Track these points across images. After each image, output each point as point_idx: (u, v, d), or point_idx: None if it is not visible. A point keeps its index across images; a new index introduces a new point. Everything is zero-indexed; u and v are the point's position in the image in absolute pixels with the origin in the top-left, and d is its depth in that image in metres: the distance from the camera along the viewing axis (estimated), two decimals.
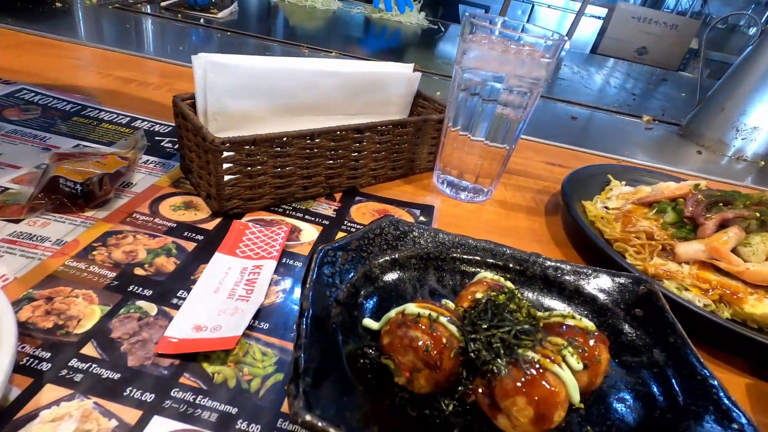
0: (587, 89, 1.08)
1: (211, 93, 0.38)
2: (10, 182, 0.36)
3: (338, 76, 0.45)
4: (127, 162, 0.38)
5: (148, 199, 0.36)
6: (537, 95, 0.41)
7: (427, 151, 0.48)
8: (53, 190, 0.33)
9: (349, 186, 0.43)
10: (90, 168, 0.35)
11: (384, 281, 0.29)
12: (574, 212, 0.41)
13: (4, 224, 0.31)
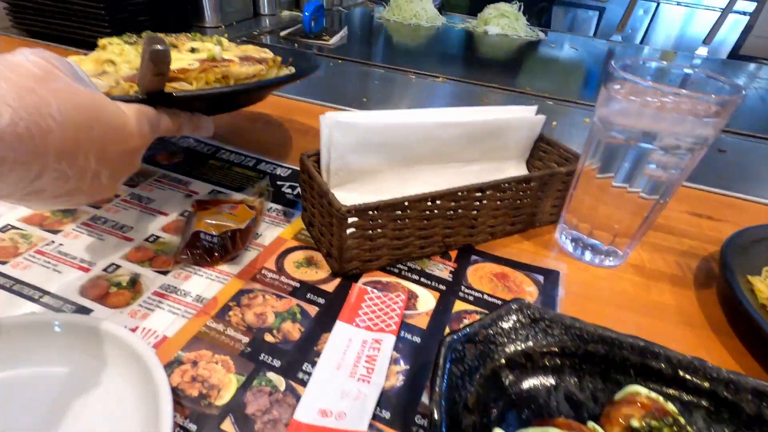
0: None
1: (334, 151, 0.38)
2: (160, 230, 0.40)
3: (456, 127, 0.43)
4: (255, 213, 0.40)
5: (274, 253, 0.38)
6: (699, 156, 0.34)
7: (551, 204, 0.44)
8: (194, 245, 0.36)
9: (466, 243, 0.41)
10: (224, 221, 0.38)
11: (515, 381, 0.27)
12: (740, 294, 0.34)
13: (155, 276, 0.35)
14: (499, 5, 1.41)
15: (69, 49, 0.81)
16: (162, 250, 0.37)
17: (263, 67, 0.45)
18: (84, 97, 0.25)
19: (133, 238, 0.39)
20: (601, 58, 1.29)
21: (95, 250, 0.37)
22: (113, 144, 0.27)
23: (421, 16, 1.41)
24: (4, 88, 0.21)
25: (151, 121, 0.31)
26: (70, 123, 0.24)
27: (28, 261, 0.35)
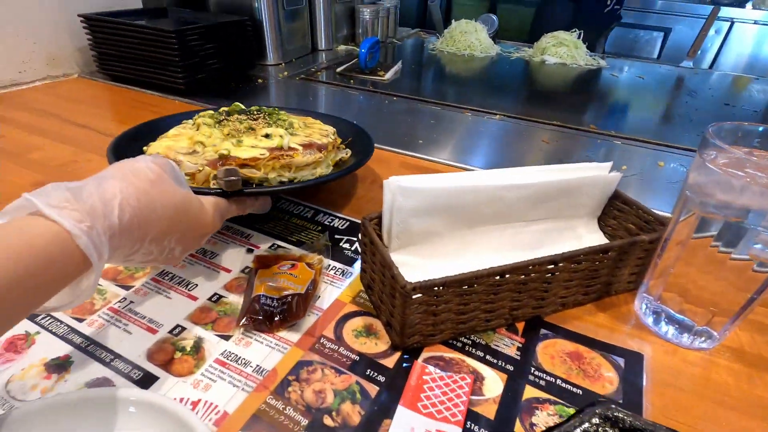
0: None
1: (397, 215, 0.37)
2: (223, 288, 0.40)
3: (525, 188, 0.41)
4: (314, 273, 0.40)
5: (333, 318, 0.37)
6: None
7: (629, 272, 0.41)
8: (255, 310, 0.36)
9: (534, 315, 0.38)
10: (285, 283, 0.38)
11: None
12: None
13: (217, 341, 0.35)
14: (557, 33, 1.37)
15: (146, 92, 0.88)
16: (224, 311, 0.38)
17: (323, 155, 0.50)
18: (180, 197, 0.32)
19: (198, 296, 0.39)
20: (671, 87, 1.21)
21: (163, 310, 0.38)
22: (192, 231, 0.35)
23: (476, 46, 1.40)
24: (130, 190, 0.28)
25: (222, 212, 0.40)
26: (166, 217, 0.31)
27: (102, 319, 0.36)
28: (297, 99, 0.93)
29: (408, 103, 0.92)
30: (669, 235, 0.36)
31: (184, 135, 0.49)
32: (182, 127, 0.53)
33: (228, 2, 1.07)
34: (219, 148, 0.45)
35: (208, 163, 0.45)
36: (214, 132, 0.49)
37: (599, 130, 0.82)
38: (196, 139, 0.47)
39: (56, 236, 0.23)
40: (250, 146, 0.46)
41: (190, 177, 0.45)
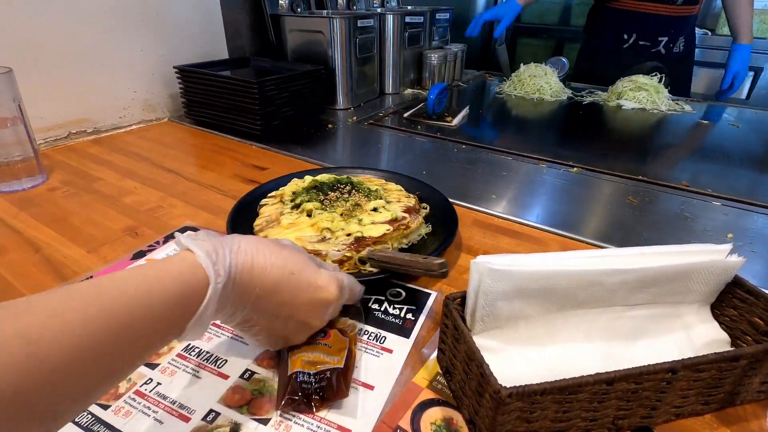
0: None
1: (483, 298, 0.34)
2: (254, 363, 0.38)
3: (627, 274, 0.36)
4: (347, 341, 0.37)
5: (410, 405, 0.34)
6: None
7: (761, 380, 0.34)
8: (294, 390, 0.33)
9: (641, 425, 0.33)
10: (320, 355, 0.35)
11: None
12: None
13: (256, 426, 0.32)
14: (635, 77, 1.30)
15: (226, 136, 0.93)
16: (258, 390, 0.35)
17: (420, 218, 0.55)
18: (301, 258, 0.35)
19: (229, 374, 0.37)
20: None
21: (193, 392, 0.35)
22: (303, 292, 0.34)
23: (545, 90, 1.36)
24: (257, 243, 0.32)
25: (343, 285, 0.38)
26: (278, 268, 0.33)
27: (129, 406, 0.34)
28: (365, 145, 0.94)
29: (477, 152, 0.90)
30: None
31: (303, 223, 0.50)
32: (276, 207, 0.54)
33: (304, 50, 1.13)
34: (349, 231, 0.48)
35: (348, 247, 0.47)
36: (336, 218, 0.51)
37: (694, 188, 0.74)
38: (321, 225, 0.49)
39: (185, 259, 0.28)
40: (371, 223, 0.50)
41: (338, 264, 0.46)
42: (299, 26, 1.12)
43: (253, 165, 0.79)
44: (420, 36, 1.38)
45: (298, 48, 1.14)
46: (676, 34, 1.33)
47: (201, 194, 0.67)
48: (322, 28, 1.08)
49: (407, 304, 0.45)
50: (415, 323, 0.43)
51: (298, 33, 1.13)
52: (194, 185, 0.70)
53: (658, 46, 1.35)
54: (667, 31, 1.32)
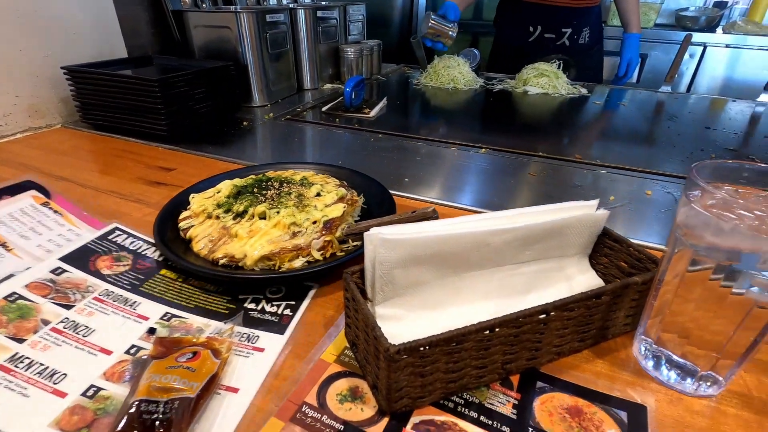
0: None
1: (380, 268, 0.36)
2: (102, 377, 0.33)
3: (511, 233, 0.40)
4: (217, 366, 0.33)
5: (317, 381, 0.35)
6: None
7: (625, 314, 0.39)
8: (129, 421, 0.28)
9: (528, 367, 0.36)
10: (176, 379, 0.30)
11: None
12: None
13: None
14: (537, 65, 1.40)
15: (128, 140, 0.87)
16: (103, 410, 0.30)
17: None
18: None
19: (67, 391, 0.31)
20: (651, 112, 1.23)
21: (15, 415, 0.29)
22: None
23: (459, 80, 1.43)
24: None
25: None
26: None
27: None
28: (283, 141, 0.93)
29: (393, 140, 0.92)
30: (662, 275, 0.34)
31: (263, 227, 0.49)
32: (209, 225, 0.50)
33: (212, 47, 1.09)
34: (314, 218, 0.50)
35: (322, 233, 0.49)
36: (288, 210, 0.51)
37: (585, 160, 0.82)
38: (286, 222, 0.49)
39: None
40: (325, 206, 0.52)
41: (323, 252, 0.48)
42: (204, 22, 1.08)
43: (159, 167, 0.75)
44: (334, 31, 1.38)
45: (206, 45, 1.10)
46: (579, 25, 1.45)
47: (98, 200, 0.63)
48: (229, 24, 1.04)
49: (287, 300, 0.44)
50: (292, 318, 0.42)
51: (204, 29, 1.09)
52: (90, 191, 0.65)
53: (563, 38, 1.45)
54: (570, 22, 1.43)
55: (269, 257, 0.46)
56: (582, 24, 1.44)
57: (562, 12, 1.42)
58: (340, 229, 0.50)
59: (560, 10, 1.41)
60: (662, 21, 2.59)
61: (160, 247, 0.46)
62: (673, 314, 0.34)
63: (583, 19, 1.44)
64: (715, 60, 2.29)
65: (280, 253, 0.46)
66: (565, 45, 1.46)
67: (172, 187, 0.66)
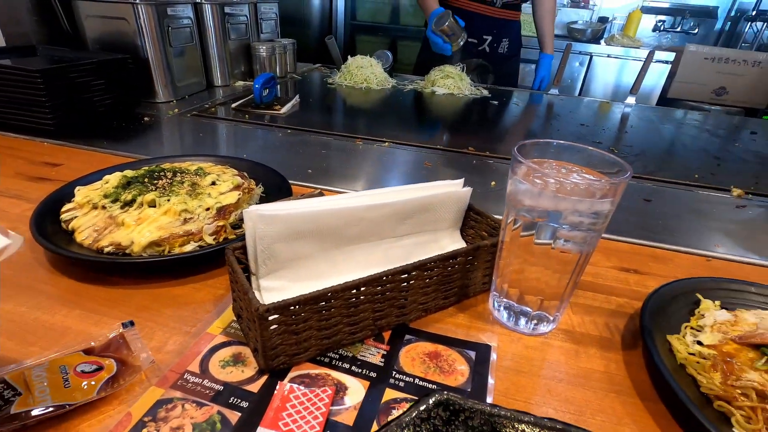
0: (659, 157, 1.00)
1: (260, 242, 0.39)
2: None
3: (385, 207, 0.45)
4: (101, 393, 0.31)
5: (201, 351, 0.37)
6: (601, 229, 0.37)
7: (482, 273, 0.46)
8: None
9: (398, 323, 0.41)
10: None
11: None
12: (657, 359, 0.36)
13: None
14: (443, 67, 1.51)
15: (10, 135, 0.80)
16: None
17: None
18: None
19: None
20: (539, 111, 1.39)
21: None
22: None
23: (371, 80, 1.48)
24: None
25: None
26: None
27: None
28: (187, 136, 0.91)
29: (302, 135, 0.95)
30: (503, 237, 0.41)
31: (153, 214, 0.49)
32: (95, 216, 0.50)
33: (109, 39, 1.04)
34: (207, 205, 0.51)
35: (215, 219, 0.50)
36: (180, 198, 0.52)
37: (475, 151, 0.91)
38: (177, 209, 0.50)
39: None
40: (220, 194, 0.54)
41: (216, 237, 0.49)
42: (98, 12, 1.02)
43: (44, 162, 0.71)
44: (245, 28, 1.37)
45: (101, 36, 1.04)
46: (498, 35, 1.58)
47: None
48: (126, 15, 1.00)
49: None
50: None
51: (98, 19, 1.03)
52: None
53: (483, 44, 1.58)
54: (491, 31, 1.56)
55: (158, 243, 0.46)
56: (502, 34, 1.58)
57: (484, 20, 1.54)
58: (234, 215, 0.52)
59: (482, 18, 1.54)
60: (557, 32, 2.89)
61: (38, 239, 0.45)
62: (513, 271, 0.41)
63: (503, 30, 1.57)
64: (600, 67, 2.61)
65: (169, 238, 0.47)
66: (486, 51, 1.59)
67: (58, 183, 0.63)
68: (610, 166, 0.37)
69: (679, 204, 0.74)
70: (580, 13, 2.89)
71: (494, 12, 1.54)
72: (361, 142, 0.92)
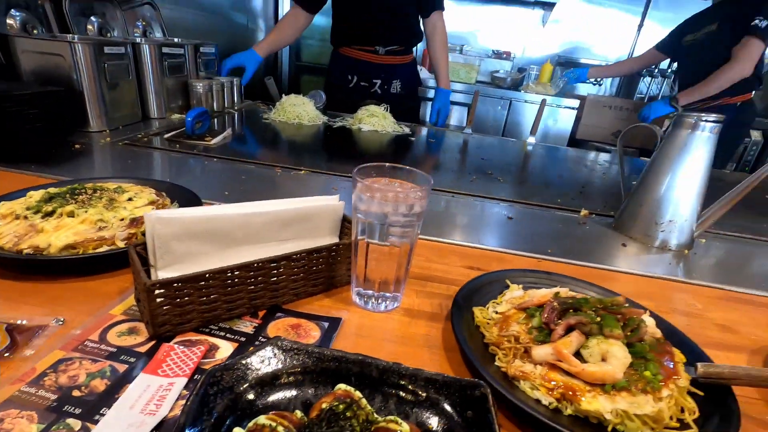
0: (535, 184, 1.20)
1: (157, 240, 0.49)
2: None
3: (269, 215, 0.56)
4: None
5: (102, 326, 0.46)
6: (416, 226, 0.51)
7: (346, 267, 0.58)
8: None
9: (272, 304, 0.52)
10: None
11: (263, 395, 0.37)
12: (454, 318, 0.49)
13: None
14: (369, 107, 1.69)
15: None
16: None
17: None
18: None
19: None
20: (450, 147, 1.59)
21: None
22: None
23: (303, 116, 1.63)
24: None
25: None
26: None
27: None
28: (117, 162, 0.99)
29: (227, 163, 1.05)
30: (355, 237, 0.54)
31: (71, 223, 0.58)
32: (17, 225, 0.58)
33: (44, 72, 1.11)
34: (121, 216, 0.60)
35: (128, 227, 0.59)
36: (97, 209, 0.61)
37: None
38: (93, 219, 0.59)
39: None
40: (135, 208, 0.63)
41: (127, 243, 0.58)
42: (35, 48, 1.10)
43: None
44: (183, 66, 1.49)
45: (36, 70, 1.11)
46: (388, 78, 1.80)
47: None
48: (62, 52, 1.08)
49: None
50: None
51: (34, 54, 1.10)
52: None
53: (375, 87, 1.79)
54: (379, 75, 1.78)
55: (74, 246, 0.55)
56: (392, 77, 1.80)
57: (373, 66, 1.76)
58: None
59: (371, 64, 1.76)
60: (483, 79, 3.23)
61: None
62: (357, 261, 0.54)
63: (393, 73, 1.80)
64: (518, 111, 2.94)
65: (84, 242, 0.55)
66: (378, 93, 1.80)
67: None
68: (424, 181, 0.52)
69: (536, 221, 0.92)
70: (502, 63, 3.27)
71: (380, 59, 1.78)
72: (280, 171, 1.04)
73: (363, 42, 1.76)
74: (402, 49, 1.83)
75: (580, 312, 0.46)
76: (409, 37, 1.83)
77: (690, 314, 0.62)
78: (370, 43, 1.76)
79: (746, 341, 0.58)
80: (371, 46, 1.76)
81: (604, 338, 0.43)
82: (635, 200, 0.88)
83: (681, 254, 0.82)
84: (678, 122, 0.81)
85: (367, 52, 1.76)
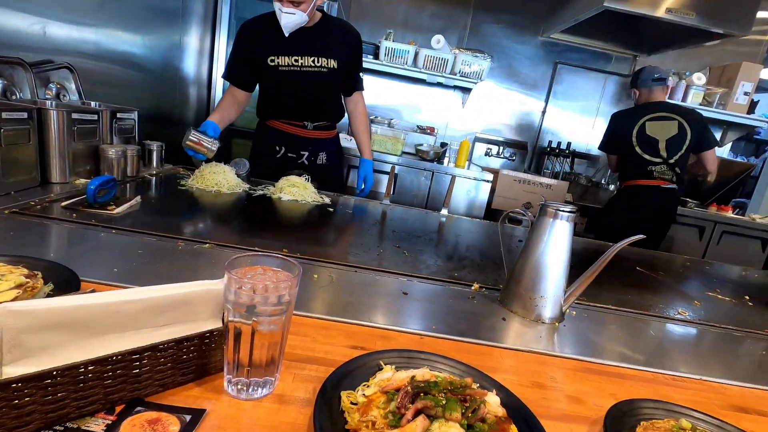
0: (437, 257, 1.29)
1: (7, 333, 0.47)
2: None
3: (141, 302, 0.56)
4: None
5: None
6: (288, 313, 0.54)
7: (221, 354, 0.58)
8: None
9: (133, 397, 0.51)
10: None
11: None
12: (317, 405, 0.51)
13: None
14: (289, 177, 1.75)
15: None
16: None
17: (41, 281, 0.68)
18: None
19: None
20: (367, 218, 1.67)
21: None
22: None
23: (223, 184, 1.64)
24: None
25: None
26: None
27: None
28: None
29: (126, 235, 1.03)
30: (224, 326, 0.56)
31: None
32: None
33: None
34: None
35: None
36: None
37: (288, 253, 1.08)
38: None
39: None
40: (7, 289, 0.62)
41: None
42: None
43: None
44: (96, 131, 1.46)
45: None
46: (315, 150, 1.91)
47: None
48: None
49: None
50: None
51: None
52: None
53: (302, 158, 1.88)
54: (306, 147, 1.88)
55: None
56: (318, 149, 1.91)
57: (300, 139, 1.87)
58: None
59: (298, 138, 1.86)
60: (408, 150, 3.48)
61: None
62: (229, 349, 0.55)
63: (319, 146, 1.91)
64: (440, 183, 3.17)
65: None
66: (305, 164, 1.89)
67: None
68: (293, 269, 0.56)
69: (429, 296, 0.98)
70: (426, 137, 3.55)
71: (308, 133, 1.90)
72: (183, 244, 1.03)
73: (292, 117, 1.87)
74: (329, 125, 1.95)
75: (429, 395, 0.50)
76: (335, 114, 1.97)
77: (546, 387, 0.69)
78: (300, 119, 1.87)
79: (590, 412, 0.65)
80: (300, 122, 1.87)
81: (445, 421, 0.47)
82: (514, 277, 0.98)
83: (553, 327, 0.92)
84: (542, 211, 0.95)
85: (296, 126, 1.86)
